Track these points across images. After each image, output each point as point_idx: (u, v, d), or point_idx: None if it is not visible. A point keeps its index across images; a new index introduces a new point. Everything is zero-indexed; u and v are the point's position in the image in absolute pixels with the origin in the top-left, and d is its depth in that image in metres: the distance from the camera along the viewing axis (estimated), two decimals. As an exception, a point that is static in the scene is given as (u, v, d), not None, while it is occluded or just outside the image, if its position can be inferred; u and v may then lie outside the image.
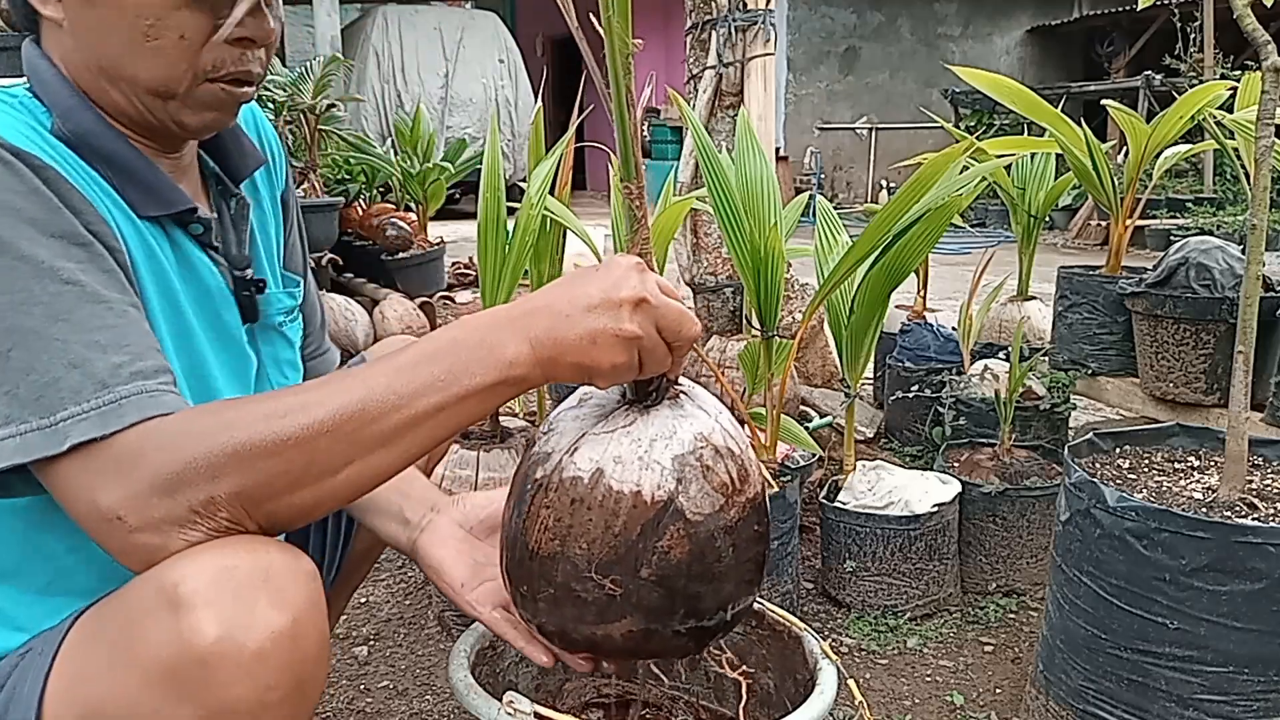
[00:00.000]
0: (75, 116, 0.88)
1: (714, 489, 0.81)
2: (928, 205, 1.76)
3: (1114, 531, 1.30)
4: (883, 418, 2.91)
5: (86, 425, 0.73)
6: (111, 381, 0.74)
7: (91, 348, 0.75)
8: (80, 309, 0.76)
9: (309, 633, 0.76)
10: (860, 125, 12.36)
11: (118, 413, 0.74)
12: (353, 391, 0.76)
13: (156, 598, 0.74)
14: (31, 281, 0.75)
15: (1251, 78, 2.21)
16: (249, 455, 0.73)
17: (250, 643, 0.72)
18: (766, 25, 2.62)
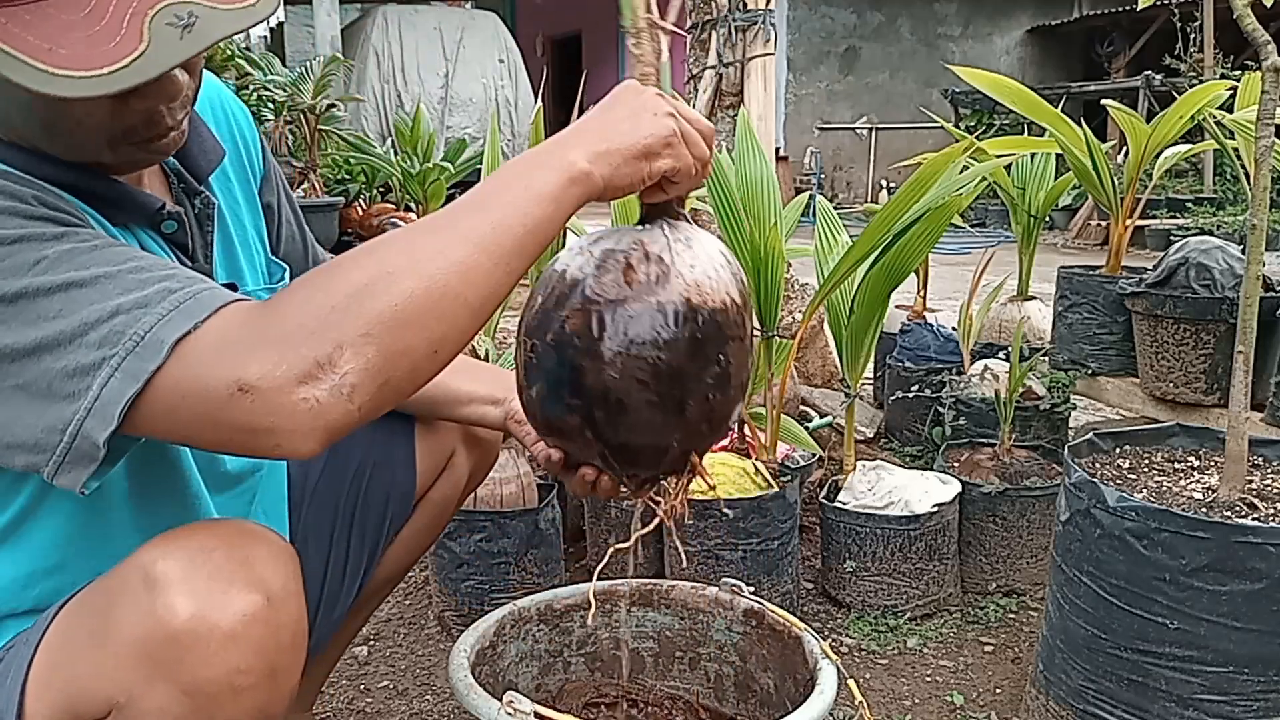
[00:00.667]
0: (7, 158, 0.83)
1: (624, 282, 0.86)
2: (928, 205, 1.76)
3: (1114, 531, 1.30)
4: (883, 418, 2.91)
5: (176, 321, 0.71)
6: (175, 286, 0.73)
7: (137, 273, 0.74)
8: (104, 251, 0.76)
9: (284, 617, 0.77)
10: (860, 125, 12.36)
11: (199, 303, 0.72)
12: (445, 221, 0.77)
13: (134, 578, 0.75)
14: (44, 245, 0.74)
15: (1251, 78, 2.21)
16: (365, 291, 0.71)
17: (223, 623, 0.73)
18: (766, 25, 2.62)
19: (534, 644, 1.26)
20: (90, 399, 0.71)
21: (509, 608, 1.24)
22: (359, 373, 0.70)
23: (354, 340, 0.70)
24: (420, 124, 4.99)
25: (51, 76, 0.70)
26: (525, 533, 1.83)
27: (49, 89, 0.70)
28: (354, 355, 0.70)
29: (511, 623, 1.23)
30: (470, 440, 1.30)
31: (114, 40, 0.72)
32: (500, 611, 1.22)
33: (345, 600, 1.24)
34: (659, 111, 0.85)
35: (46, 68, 0.70)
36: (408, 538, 1.30)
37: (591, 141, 0.82)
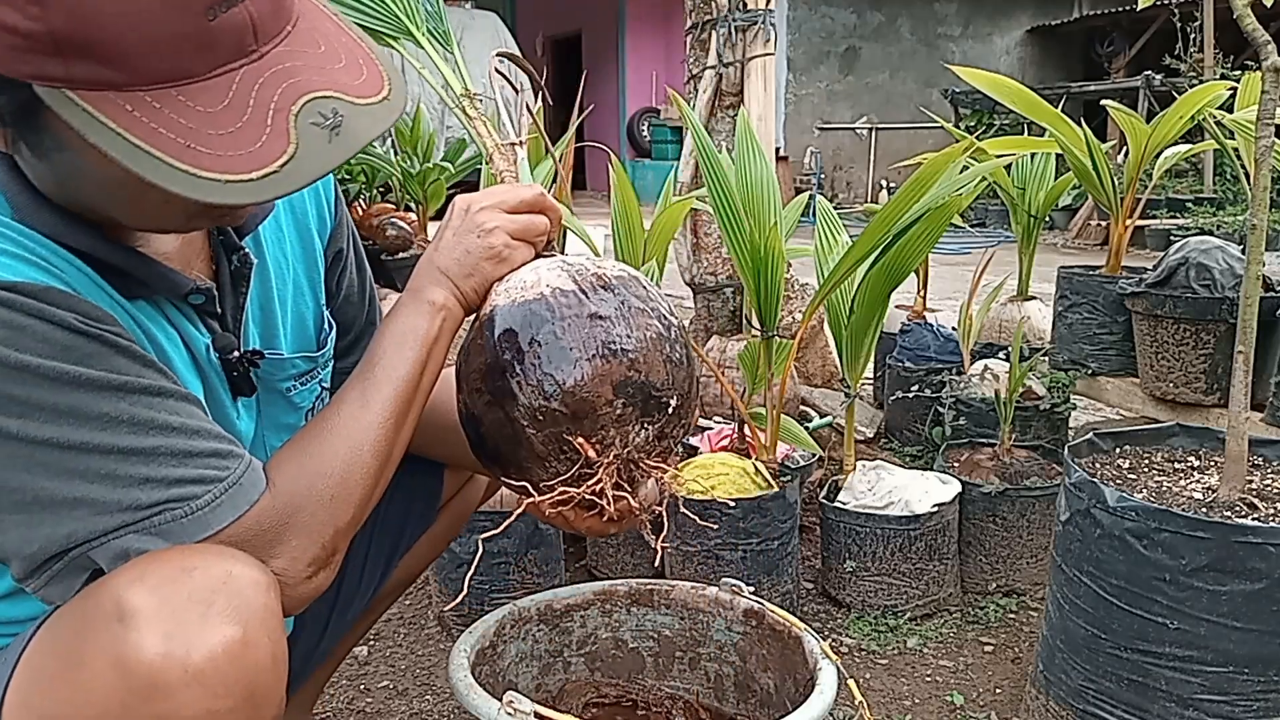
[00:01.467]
0: (34, 215, 0.78)
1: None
2: (928, 205, 1.76)
3: (1114, 531, 1.30)
4: (883, 418, 2.91)
5: (224, 510, 0.79)
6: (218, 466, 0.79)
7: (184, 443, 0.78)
8: (155, 411, 0.77)
9: (260, 645, 0.75)
10: (860, 125, 12.36)
11: (242, 492, 0.80)
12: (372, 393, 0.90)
13: (105, 608, 0.73)
14: (101, 403, 0.74)
15: (1251, 78, 2.21)
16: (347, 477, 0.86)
17: (195, 657, 0.71)
18: (766, 25, 2.62)
19: (534, 644, 1.26)
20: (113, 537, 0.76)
21: (509, 608, 1.23)
22: (344, 547, 0.87)
23: (345, 525, 0.86)
24: (420, 124, 4.98)
25: (195, 180, 0.66)
26: (525, 533, 1.83)
27: (194, 193, 0.66)
28: (343, 535, 0.86)
29: (511, 623, 1.23)
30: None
31: (259, 140, 0.68)
32: (500, 611, 1.22)
33: (359, 604, 1.23)
34: (484, 229, 0.96)
35: (188, 169, 0.66)
36: (425, 543, 1.29)
37: (442, 280, 0.95)
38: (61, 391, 0.73)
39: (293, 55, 0.72)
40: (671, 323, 0.95)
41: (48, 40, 0.64)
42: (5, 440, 0.72)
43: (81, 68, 0.65)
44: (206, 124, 0.67)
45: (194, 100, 0.67)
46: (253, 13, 0.69)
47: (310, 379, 1.05)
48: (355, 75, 0.74)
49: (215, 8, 0.67)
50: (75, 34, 0.64)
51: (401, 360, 0.92)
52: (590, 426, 0.88)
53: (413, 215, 4.93)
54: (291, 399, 1.03)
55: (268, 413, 1.01)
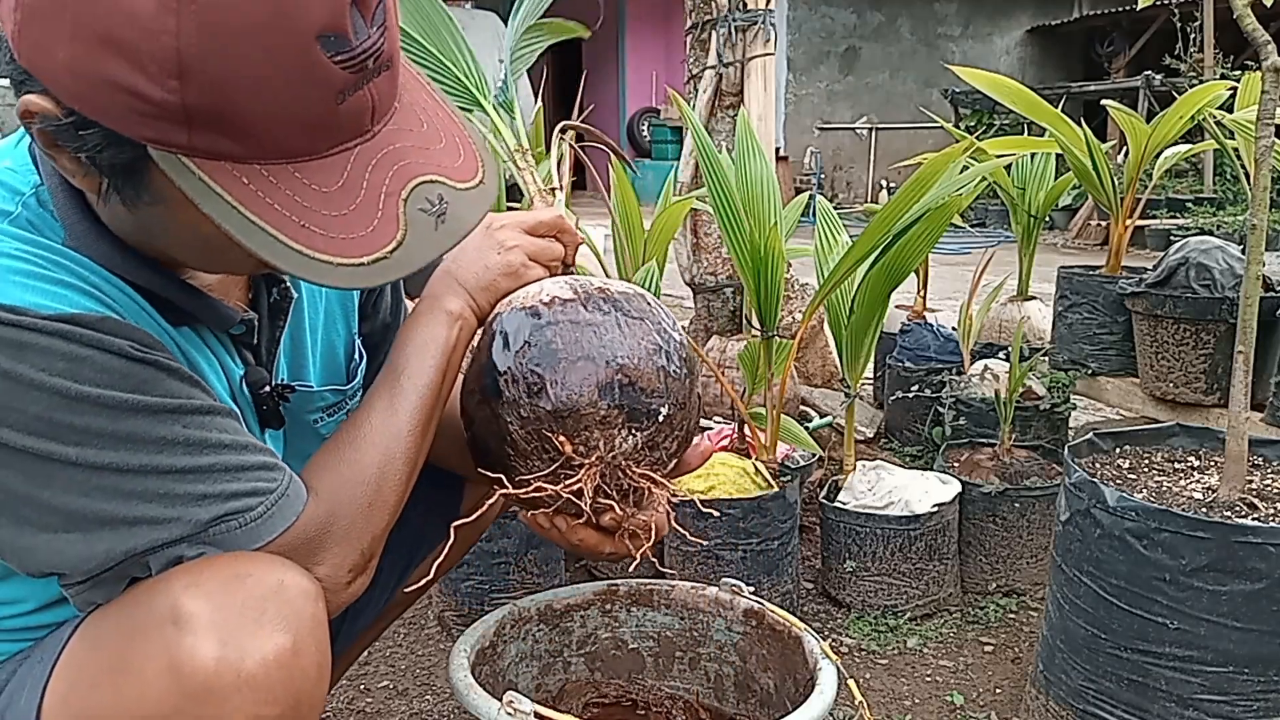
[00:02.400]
0: (87, 244, 0.77)
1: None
2: (927, 205, 1.76)
3: (1114, 531, 1.30)
4: (883, 418, 2.91)
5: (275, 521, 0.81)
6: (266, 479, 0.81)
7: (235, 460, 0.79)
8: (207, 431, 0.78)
9: (308, 654, 0.76)
10: (860, 125, 12.36)
11: (289, 503, 0.82)
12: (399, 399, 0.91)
13: (159, 612, 0.74)
14: (157, 427, 0.75)
15: (1251, 78, 2.21)
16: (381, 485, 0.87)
17: (248, 664, 0.73)
18: (766, 25, 2.62)
19: (534, 644, 1.26)
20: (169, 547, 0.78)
21: (509, 608, 1.23)
22: (379, 552, 0.88)
23: (380, 531, 0.88)
24: (420, 124, 4.98)
25: (308, 260, 0.66)
26: (525, 533, 1.83)
27: (305, 273, 0.67)
28: (379, 541, 0.88)
29: (511, 623, 1.23)
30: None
31: (371, 225, 0.68)
32: (500, 611, 1.22)
33: (370, 613, 1.22)
34: (504, 246, 0.98)
35: (301, 248, 0.66)
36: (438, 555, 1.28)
37: (458, 289, 0.97)
38: (120, 418, 0.74)
39: (400, 135, 0.72)
40: (671, 337, 0.95)
41: (179, 111, 0.63)
42: (65, 467, 0.73)
43: (205, 138, 0.65)
44: (321, 204, 0.68)
45: (310, 178, 0.68)
46: (374, 94, 0.69)
47: (338, 410, 1.05)
48: (455, 157, 0.76)
49: (346, 91, 0.67)
50: (209, 108, 0.63)
51: (424, 368, 0.93)
52: (573, 426, 0.88)
53: (413, 215, 4.92)
54: (318, 430, 1.04)
55: (294, 444, 1.02)
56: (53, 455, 0.72)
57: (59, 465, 0.73)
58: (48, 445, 0.72)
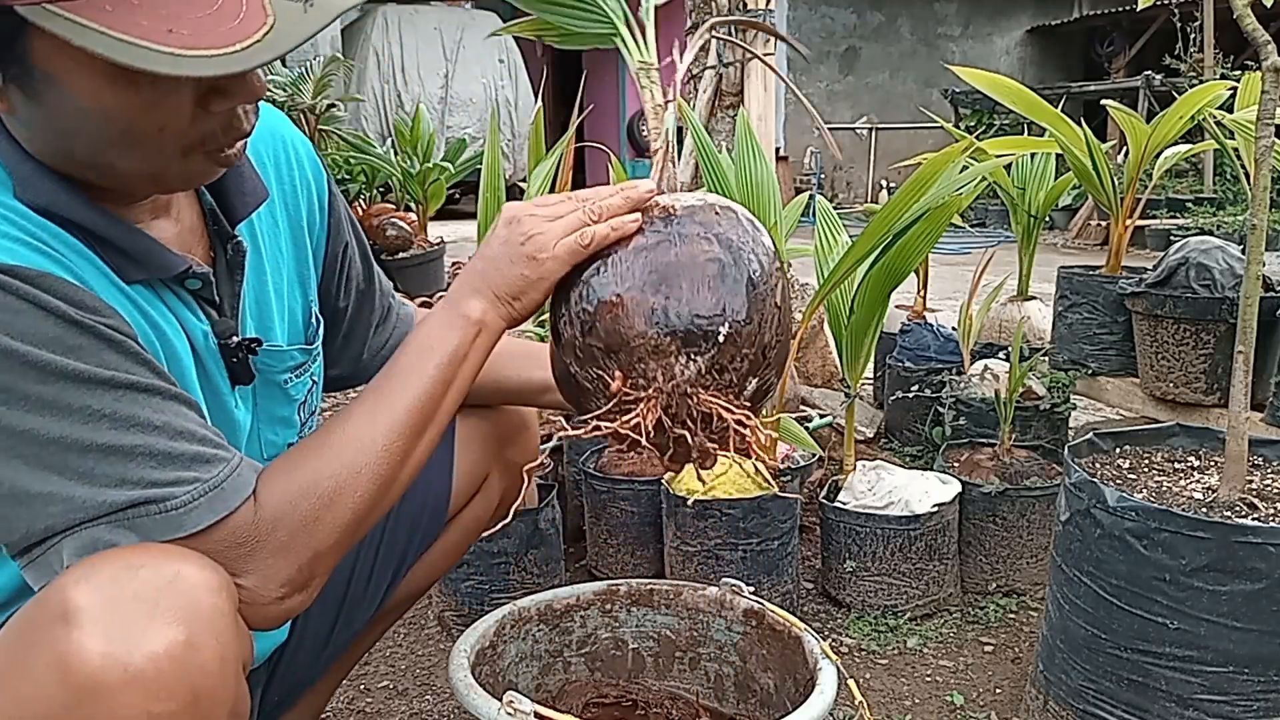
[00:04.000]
0: (35, 186, 0.78)
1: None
2: (927, 205, 1.76)
3: (1114, 531, 1.30)
4: (883, 418, 2.91)
5: (199, 514, 0.77)
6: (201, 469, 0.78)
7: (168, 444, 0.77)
8: (140, 408, 0.76)
9: (205, 647, 0.73)
10: (860, 125, 12.36)
11: (222, 498, 0.78)
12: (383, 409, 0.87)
13: (51, 608, 0.72)
14: (84, 397, 0.74)
15: (1251, 78, 2.22)
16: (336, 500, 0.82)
17: (136, 659, 0.70)
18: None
19: (534, 644, 1.26)
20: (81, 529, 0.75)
21: (509, 608, 1.23)
22: (325, 573, 0.84)
23: (327, 550, 0.83)
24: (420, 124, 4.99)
25: (179, 58, 0.67)
26: (525, 533, 1.83)
27: (179, 70, 0.68)
28: (324, 560, 0.83)
29: (511, 623, 1.23)
30: (505, 463, 1.29)
31: (238, 17, 0.70)
32: (500, 611, 1.22)
33: (365, 613, 1.22)
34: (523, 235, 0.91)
35: (171, 50, 0.67)
36: (433, 556, 1.28)
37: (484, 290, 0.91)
38: (46, 382, 0.72)
39: None
40: (736, 247, 0.87)
41: None
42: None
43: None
44: (185, 9, 0.69)
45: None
46: None
47: (304, 371, 1.05)
48: None
49: None
50: None
51: (422, 376, 0.88)
52: (627, 360, 0.84)
53: (413, 215, 4.93)
54: (288, 390, 1.03)
55: (264, 405, 1.01)
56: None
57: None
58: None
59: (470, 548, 1.38)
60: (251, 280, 0.97)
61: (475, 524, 1.31)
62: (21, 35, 0.70)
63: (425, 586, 1.32)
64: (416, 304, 4.07)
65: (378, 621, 1.30)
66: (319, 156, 1.09)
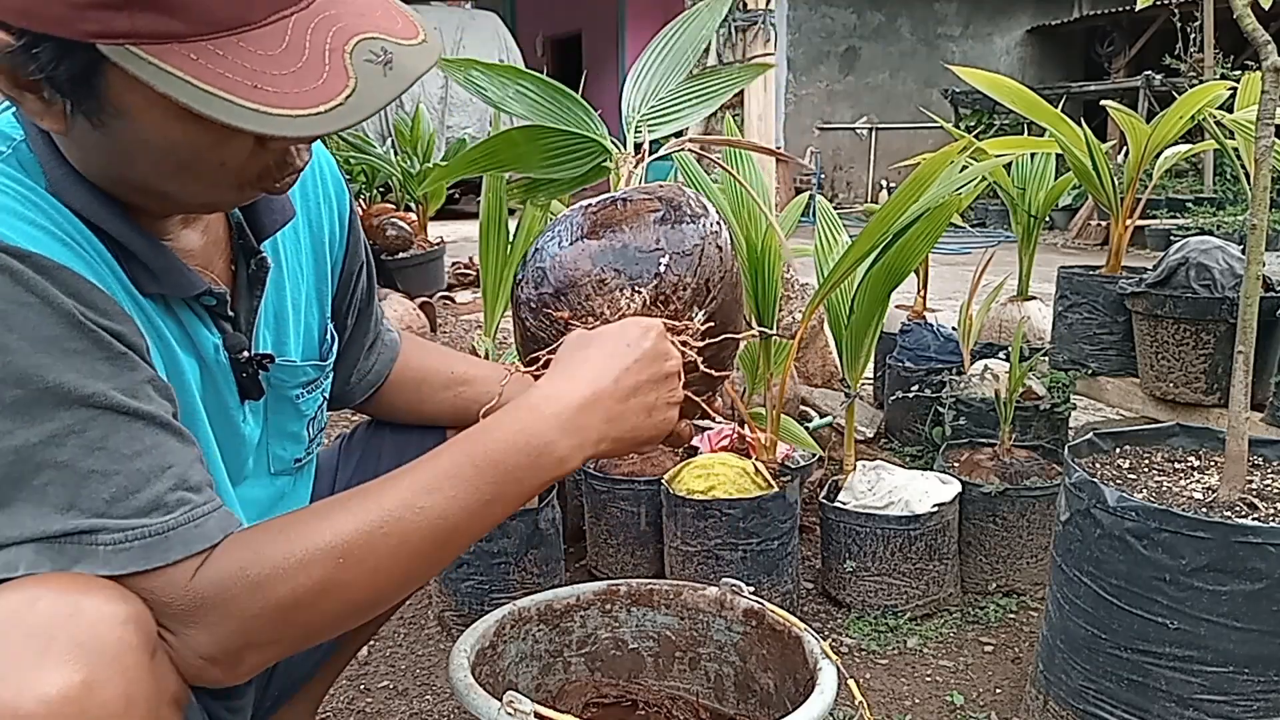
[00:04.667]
0: (69, 189, 0.78)
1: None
2: (927, 204, 1.76)
3: (1114, 531, 1.30)
4: (883, 418, 2.91)
5: (129, 557, 0.71)
6: (155, 513, 0.72)
7: (133, 477, 0.72)
8: (115, 434, 0.72)
9: (108, 686, 0.67)
10: (860, 125, 12.36)
11: (163, 548, 0.72)
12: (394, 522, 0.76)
13: None
14: (61, 411, 0.70)
15: (1251, 78, 2.21)
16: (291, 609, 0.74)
17: (25, 704, 0.64)
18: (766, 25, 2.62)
19: (534, 644, 1.26)
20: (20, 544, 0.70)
21: (509, 608, 1.23)
22: (256, 664, 0.76)
23: (263, 643, 0.75)
24: (420, 124, 4.99)
25: (265, 117, 0.68)
26: (525, 533, 1.83)
27: (264, 129, 0.68)
28: (255, 654, 0.75)
29: (511, 623, 1.23)
30: None
31: (320, 78, 0.70)
32: (500, 611, 1.22)
33: None
34: (669, 399, 0.85)
35: (258, 106, 0.68)
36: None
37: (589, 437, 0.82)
38: (25, 386, 0.69)
39: (334, 3, 0.73)
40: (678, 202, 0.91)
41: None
42: None
43: (145, 20, 0.66)
44: (269, 66, 0.69)
45: (254, 46, 0.69)
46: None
47: (315, 388, 1.04)
48: (393, 22, 0.75)
49: None
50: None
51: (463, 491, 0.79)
52: (575, 299, 0.88)
53: (413, 215, 4.93)
54: (299, 406, 1.02)
55: (274, 420, 1.00)
56: None
57: None
58: None
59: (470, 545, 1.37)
60: (271, 296, 0.96)
61: None
62: (99, 70, 0.69)
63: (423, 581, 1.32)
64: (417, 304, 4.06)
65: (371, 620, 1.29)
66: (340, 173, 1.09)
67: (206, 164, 0.76)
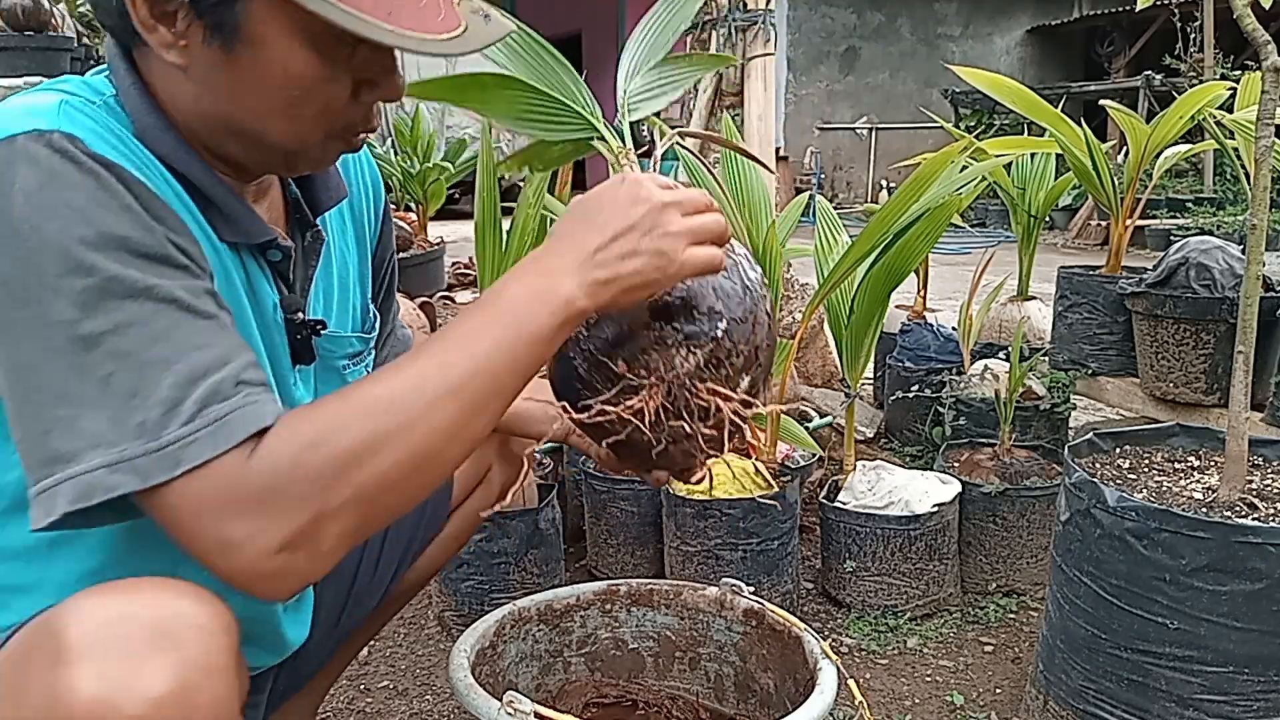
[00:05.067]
0: (157, 137, 0.83)
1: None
2: (927, 204, 1.76)
3: (1114, 531, 1.30)
4: (883, 418, 2.91)
5: (198, 447, 0.70)
6: (216, 398, 0.72)
7: (194, 366, 0.72)
8: (178, 327, 0.73)
9: (203, 690, 0.70)
10: (860, 125, 12.36)
11: (227, 430, 0.71)
12: (435, 373, 0.77)
13: (48, 640, 0.70)
14: (126, 302, 0.72)
15: (1251, 78, 2.21)
16: (354, 462, 0.73)
17: (130, 705, 0.67)
18: (766, 25, 2.62)
19: (534, 644, 1.26)
20: (80, 469, 0.70)
21: (509, 608, 1.24)
22: (335, 538, 0.74)
23: (336, 511, 0.73)
24: (420, 124, 4.98)
25: (400, 34, 0.76)
26: (525, 533, 1.83)
27: (400, 44, 0.77)
28: (334, 524, 0.73)
29: (511, 623, 1.23)
30: (506, 455, 1.31)
31: (439, 16, 0.80)
32: (500, 611, 1.22)
33: (368, 604, 1.23)
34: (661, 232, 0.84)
35: (393, 28, 0.76)
36: (435, 547, 1.29)
37: (589, 273, 0.82)
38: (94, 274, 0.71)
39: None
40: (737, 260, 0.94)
41: None
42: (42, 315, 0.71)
43: None
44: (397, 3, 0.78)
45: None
46: None
47: (360, 361, 1.07)
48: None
49: None
50: None
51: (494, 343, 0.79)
52: (631, 351, 0.89)
53: (413, 215, 4.93)
54: (345, 377, 1.05)
55: (321, 390, 1.03)
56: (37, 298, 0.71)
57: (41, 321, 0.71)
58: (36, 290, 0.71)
59: (470, 539, 1.39)
60: (323, 269, 1.01)
61: (475, 514, 1.32)
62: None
63: (428, 577, 1.33)
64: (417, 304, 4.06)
65: (381, 611, 1.30)
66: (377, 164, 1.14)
67: (312, 103, 0.82)
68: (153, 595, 0.72)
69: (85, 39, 5.24)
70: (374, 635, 1.43)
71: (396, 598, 1.31)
